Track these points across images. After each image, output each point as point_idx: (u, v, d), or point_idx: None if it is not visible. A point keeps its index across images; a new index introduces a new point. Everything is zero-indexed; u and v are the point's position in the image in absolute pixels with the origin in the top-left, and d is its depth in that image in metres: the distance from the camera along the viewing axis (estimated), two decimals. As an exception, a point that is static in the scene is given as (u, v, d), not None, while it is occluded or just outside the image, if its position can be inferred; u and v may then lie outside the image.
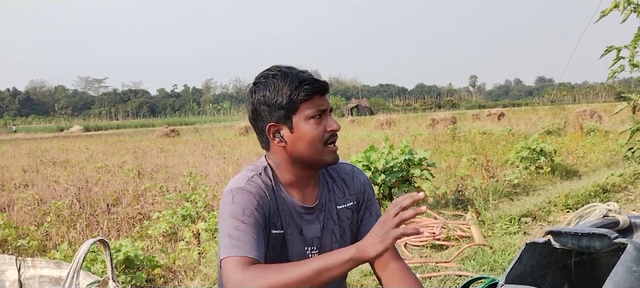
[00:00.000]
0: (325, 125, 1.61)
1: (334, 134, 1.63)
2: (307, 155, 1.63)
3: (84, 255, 1.95)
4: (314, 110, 1.59)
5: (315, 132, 1.60)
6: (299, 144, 1.62)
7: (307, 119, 1.60)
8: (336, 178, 1.81)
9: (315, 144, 1.61)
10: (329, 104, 1.64)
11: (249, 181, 1.62)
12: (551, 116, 22.53)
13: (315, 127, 1.60)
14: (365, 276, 3.77)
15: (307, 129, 1.60)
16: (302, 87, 1.58)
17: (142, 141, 26.31)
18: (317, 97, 1.60)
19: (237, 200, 1.57)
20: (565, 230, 1.48)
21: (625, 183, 6.95)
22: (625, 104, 4.14)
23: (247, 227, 1.53)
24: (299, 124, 1.60)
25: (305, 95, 1.58)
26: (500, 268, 3.81)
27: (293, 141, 1.63)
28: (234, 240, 1.50)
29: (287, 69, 1.63)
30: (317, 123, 1.60)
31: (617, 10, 3.66)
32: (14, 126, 66.45)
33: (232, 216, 1.55)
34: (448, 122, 25.22)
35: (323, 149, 1.62)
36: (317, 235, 1.71)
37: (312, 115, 1.59)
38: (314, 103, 1.60)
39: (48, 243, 5.40)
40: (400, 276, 1.71)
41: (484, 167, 8.24)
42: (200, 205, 6.31)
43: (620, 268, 1.25)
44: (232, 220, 1.54)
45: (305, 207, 1.70)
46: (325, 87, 1.62)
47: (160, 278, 4.08)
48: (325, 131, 1.61)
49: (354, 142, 17.42)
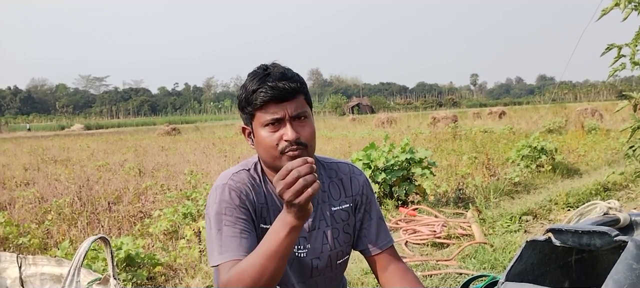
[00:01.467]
0: (282, 134, 1.55)
1: (295, 142, 1.54)
2: (267, 161, 1.62)
3: (84, 252, 1.95)
4: (267, 119, 1.55)
5: (269, 141, 1.56)
6: (259, 149, 1.62)
7: (262, 126, 1.57)
8: (334, 178, 1.77)
9: (269, 151, 1.57)
10: (290, 110, 1.55)
11: (233, 176, 1.64)
12: (552, 114, 22.50)
13: (270, 135, 1.56)
14: (365, 274, 3.77)
15: (262, 136, 1.57)
16: (258, 93, 1.54)
17: (143, 139, 26.32)
18: (272, 104, 1.54)
19: (219, 198, 1.60)
20: (566, 228, 1.48)
21: (626, 181, 6.95)
22: (626, 102, 4.14)
23: (230, 228, 1.56)
24: (257, 130, 1.59)
25: (260, 102, 1.54)
26: (501, 267, 3.81)
27: (256, 145, 1.63)
28: (217, 246, 1.55)
29: (259, 70, 1.58)
30: (271, 131, 1.56)
31: (617, 9, 3.66)
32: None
33: (215, 218, 1.58)
34: (449, 121, 25.21)
35: (279, 157, 1.56)
36: (303, 235, 1.69)
37: (265, 123, 1.55)
38: (268, 111, 1.54)
39: (49, 242, 5.41)
40: (399, 276, 1.70)
41: (485, 165, 8.24)
42: (201, 203, 6.31)
43: (620, 265, 1.25)
44: (215, 221, 1.58)
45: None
46: (283, 95, 1.54)
47: (161, 276, 4.09)
48: (280, 139, 1.55)
49: (355, 140, 17.42)
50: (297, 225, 1.39)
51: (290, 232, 1.39)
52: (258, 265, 1.43)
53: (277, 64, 1.62)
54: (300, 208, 1.35)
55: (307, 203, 1.34)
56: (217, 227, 1.57)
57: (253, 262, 1.44)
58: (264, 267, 1.42)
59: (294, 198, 1.32)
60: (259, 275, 1.42)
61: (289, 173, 1.31)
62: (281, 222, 1.40)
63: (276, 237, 1.41)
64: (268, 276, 1.42)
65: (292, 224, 1.38)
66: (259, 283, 1.42)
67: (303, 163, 1.32)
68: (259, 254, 1.44)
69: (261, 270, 1.42)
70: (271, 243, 1.42)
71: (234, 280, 1.45)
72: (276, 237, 1.41)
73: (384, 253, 1.75)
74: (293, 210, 1.36)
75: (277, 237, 1.41)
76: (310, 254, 1.69)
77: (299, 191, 1.31)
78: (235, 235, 1.55)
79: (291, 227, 1.39)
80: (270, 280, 1.43)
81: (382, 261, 1.74)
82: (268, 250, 1.42)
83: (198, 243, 4.77)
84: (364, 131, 23.88)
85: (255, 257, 1.45)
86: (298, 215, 1.37)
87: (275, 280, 1.45)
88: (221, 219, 1.57)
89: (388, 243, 1.77)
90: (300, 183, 1.31)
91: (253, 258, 1.45)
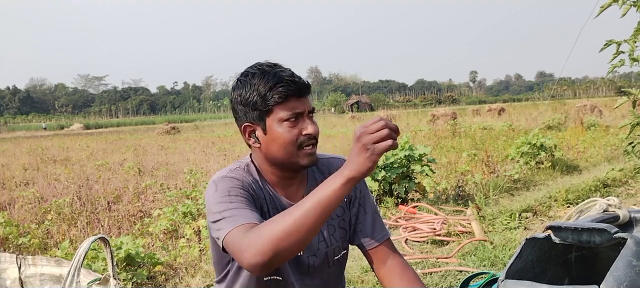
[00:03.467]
0: (301, 128, 1.55)
1: (312, 137, 1.56)
2: (280, 158, 1.59)
3: (84, 253, 1.95)
4: (287, 113, 1.53)
5: (289, 136, 1.54)
6: (272, 146, 1.58)
7: (280, 122, 1.54)
8: (326, 174, 1.75)
9: (288, 147, 1.56)
10: (307, 105, 1.57)
11: (232, 171, 1.61)
12: (551, 111, 22.53)
13: (289, 130, 1.54)
14: (365, 272, 3.77)
15: (280, 132, 1.55)
16: (277, 88, 1.52)
17: (143, 138, 26.32)
18: (292, 99, 1.53)
19: (220, 186, 1.54)
20: (566, 225, 1.48)
21: (626, 177, 6.95)
22: (625, 98, 4.14)
23: (237, 204, 1.49)
24: (273, 126, 1.56)
25: (279, 97, 1.52)
26: (500, 264, 3.82)
27: (266, 143, 1.59)
28: (228, 217, 1.45)
29: (268, 68, 1.57)
30: (291, 126, 1.54)
31: (616, 5, 3.66)
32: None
33: (219, 201, 1.51)
34: (448, 118, 25.22)
35: (297, 152, 1.56)
36: None
37: (285, 118, 1.53)
38: (289, 106, 1.53)
39: (49, 242, 5.41)
40: (399, 272, 1.70)
41: (485, 162, 8.24)
42: (201, 202, 6.31)
43: (620, 262, 1.25)
44: (219, 204, 1.50)
45: (290, 204, 1.66)
46: (303, 89, 1.55)
47: (161, 275, 4.09)
48: (300, 134, 1.55)
49: (355, 138, 17.39)
50: (355, 178, 1.30)
51: (348, 182, 1.30)
52: (301, 214, 1.31)
53: (276, 63, 1.61)
54: (371, 157, 1.27)
55: (379, 155, 1.28)
56: (221, 208, 1.49)
57: (296, 211, 1.32)
58: (307, 217, 1.31)
59: (371, 143, 1.26)
60: (300, 225, 1.31)
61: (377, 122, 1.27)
62: (338, 174, 1.32)
63: (329, 187, 1.31)
64: (309, 228, 1.31)
65: (350, 175, 1.29)
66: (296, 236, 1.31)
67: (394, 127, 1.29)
68: (305, 203, 1.32)
69: (304, 219, 1.31)
70: (322, 193, 1.31)
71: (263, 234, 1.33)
72: (329, 187, 1.31)
73: (381, 247, 1.75)
74: (362, 158, 1.28)
75: (330, 186, 1.31)
76: (307, 252, 1.68)
77: (381, 138, 1.26)
78: (244, 207, 1.49)
79: (349, 178, 1.30)
80: (308, 234, 1.32)
81: (379, 254, 1.74)
82: (317, 199, 1.31)
83: (198, 242, 4.77)
84: (364, 129, 23.83)
85: (300, 206, 1.33)
86: (363, 165, 1.28)
87: (308, 241, 1.34)
88: (225, 200, 1.50)
89: (384, 236, 1.76)
90: (385, 132, 1.26)
91: (296, 208, 1.33)
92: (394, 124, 1.29)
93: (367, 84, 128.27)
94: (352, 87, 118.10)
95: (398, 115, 31.95)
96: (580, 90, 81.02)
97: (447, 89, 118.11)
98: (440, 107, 51.00)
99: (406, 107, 68.33)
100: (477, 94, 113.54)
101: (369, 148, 1.27)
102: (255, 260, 1.31)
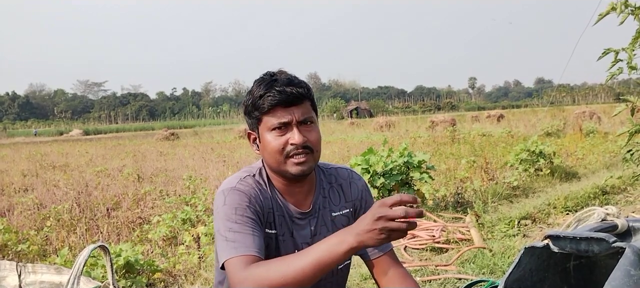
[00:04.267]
0: (288, 138, 1.58)
1: (301, 146, 1.58)
2: (272, 166, 1.64)
3: (84, 261, 1.96)
4: (274, 123, 1.57)
5: (275, 144, 1.58)
6: (264, 153, 1.63)
7: (269, 130, 1.59)
8: (333, 184, 1.79)
9: (275, 155, 1.59)
10: (297, 115, 1.58)
11: (241, 181, 1.63)
12: (550, 117, 22.55)
13: (276, 138, 1.58)
14: (365, 279, 3.77)
15: (268, 140, 1.59)
16: (265, 97, 1.56)
17: (142, 144, 26.30)
18: (279, 109, 1.57)
19: (228, 200, 1.58)
20: (564, 234, 1.48)
21: (625, 185, 6.96)
22: (624, 105, 4.15)
23: (241, 226, 1.53)
24: (263, 134, 1.61)
25: (268, 106, 1.56)
26: (500, 271, 3.82)
27: (262, 150, 1.64)
28: (231, 241, 1.50)
29: (267, 76, 1.61)
30: (278, 135, 1.58)
31: (614, 13, 3.68)
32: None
33: (225, 218, 1.55)
34: (447, 124, 25.27)
35: (285, 161, 1.59)
36: (306, 241, 1.69)
37: (273, 127, 1.58)
38: (276, 115, 1.57)
39: (48, 248, 5.40)
40: (400, 282, 1.71)
41: (484, 169, 8.25)
42: (200, 208, 6.31)
43: (618, 272, 1.25)
44: (225, 222, 1.54)
45: (297, 211, 1.70)
46: (291, 99, 1.56)
47: (161, 282, 4.08)
48: (286, 143, 1.58)
49: (353, 144, 17.43)
50: (358, 248, 1.33)
51: (351, 250, 1.34)
52: (299, 269, 1.36)
53: (283, 71, 1.64)
54: (382, 239, 1.30)
55: (389, 240, 1.31)
56: (226, 227, 1.53)
57: (293, 263, 1.38)
58: (304, 272, 1.36)
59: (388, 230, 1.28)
60: (294, 278, 1.36)
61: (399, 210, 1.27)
62: (342, 238, 1.34)
63: (331, 250, 1.35)
64: (302, 282, 1.36)
65: (356, 246, 1.32)
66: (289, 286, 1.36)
67: (414, 201, 1.29)
68: (302, 258, 1.37)
69: (300, 274, 1.36)
70: (323, 253, 1.35)
71: (258, 277, 1.40)
72: (332, 249, 1.35)
73: (384, 257, 1.76)
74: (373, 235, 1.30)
75: (332, 250, 1.34)
76: None
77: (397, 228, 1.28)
78: (247, 233, 1.53)
79: (354, 248, 1.33)
80: (302, 286, 1.37)
81: (381, 265, 1.75)
82: (316, 258, 1.35)
83: (197, 249, 4.77)
84: (363, 135, 23.90)
85: (297, 259, 1.38)
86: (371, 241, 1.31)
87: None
88: (231, 218, 1.54)
89: (387, 246, 1.78)
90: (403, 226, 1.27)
91: (293, 260, 1.39)
92: (414, 210, 1.29)
93: (366, 90, 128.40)
94: (351, 93, 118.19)
95: (397, 121, 31.96)
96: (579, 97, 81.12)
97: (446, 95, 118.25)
98: (439, 113, 51.05)
99: (405, 113, 68.37)
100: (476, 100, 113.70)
101: (384, 233, 1.29)
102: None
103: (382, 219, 1.28)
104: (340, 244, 1.34)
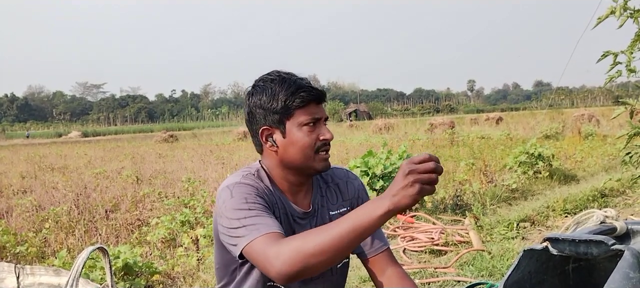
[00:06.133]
0: (318, 134, 1.61)
1: (327, 142, 1.63)
2: (297, 162, 1.63)
3: (83, 262, 1.95)
4: (308, 118, 1.59)
5: (307, 140, 1.60)
6: (290, 149, 1.62)
7: (300, 126, 1.60)
8: (330, 184, 1.81)
9: (306, 151, 1.61)
10: (324, 113, 1.65)
11: (244, 177, 1.62)
12: (549, 120, 22.54)
13: (308, 134, 1.60)
14: (364, 282, 3.77)
15: (300, 136, 1.60)
16: (298, 93, 1.58)
17: (141, 146, 26.29)
18: (312, 105, 1.61)
19: (236, 193, 1.55)
20: (563, 236, 1.49)
21: (623, 187, 6.96)
22: (622, 108, 4.15)
23: (257, 211, 1.50)
24: (292, 130, 1.60)
25: (301, 102, 1.58)
26: (498, 274, 3.82)
27: (285, 146, 1.62)
28: (249, 226, 1.46)
29: (286, 75, 1.63)
30: (310, 131, 1.60)
31: (613, 16, 3.68)
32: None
33: (236, 208, 1.51)
34: (446, 127, 25.26)
35: (314, 157, 1.62)
36: None
37: (305, 123, 1.59)
38: (309, 111, 1.60)
39: (46, 250, 5.40)
40: (397, 282, 1.71)
41: (482, 171, 8.24)
42: (198, 210, 6.30)
43: (617, 274, 1.26)
44: (237, 212, 1.50)
45: (298, 211, 1.70)
46: (321, 96, 1.62)
47: (159, 284, 4.08)
48: (317, 139, 1.61)
49: (353, 146, 17.43)
50: (395, 210, 1.30)
51: (388, 213, 1.29)
52: (336, 236, 1.31)
53: (289, 72, 1.66)
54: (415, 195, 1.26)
55: (425, 194, 1.28)
56: (240, 215, 1.49)
57: (331, 231, 1.33)
58: (341, 239, 1.31)
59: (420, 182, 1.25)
60: (333, 245, 1.32)
61: (426, 158, 1.27)
62: (378, 202, 1.31)
63: (368, 214, 1.31)
64: (340, 250, 1.32)
65: (392, 207, 1.28)
66: (326, 255, 1.32)
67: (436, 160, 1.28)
68: (339, 226, 1.33)
69: (338, 241, 1.31)
70: (359, 219, 1.31)
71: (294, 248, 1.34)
72: (368, 214, 1.31)
73: (381, 256, 1.77)
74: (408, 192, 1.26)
75: (369, 215, 1.30)
76: None
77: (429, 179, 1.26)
78: (265, 215, 1.50)
79: (390, 210, 1.29)
80: (339, 255, 1.34)
81: (379, 264, 1.77)
82: (353, 224, 1.31)
83: (196, 251, 4.77)
84: (362, 137, 23.89)
85: (333, 228, 1.34)
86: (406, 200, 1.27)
87: (337, 261, 1.37)
88: (244, 207, 1.51)
89: (384, 245, 1.79)
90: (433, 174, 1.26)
91: (329, 228, 1.34)
92: (441, 166, 1.29)
93: (365, 92, 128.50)
94: (350, 95, 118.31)
95: (396, 123, 31.97)
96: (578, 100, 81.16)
97: (445, 98, 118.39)
98: (438, 115, 51.04)
99: (404, 115, 68.42)
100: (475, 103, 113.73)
101: (415, 186, 1.26)
102: (284, 270, 1.33)
103: (412, 173, 1.26)
104: (377, 208, 1.30)
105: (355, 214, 1.33)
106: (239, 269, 1.69)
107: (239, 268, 1.69)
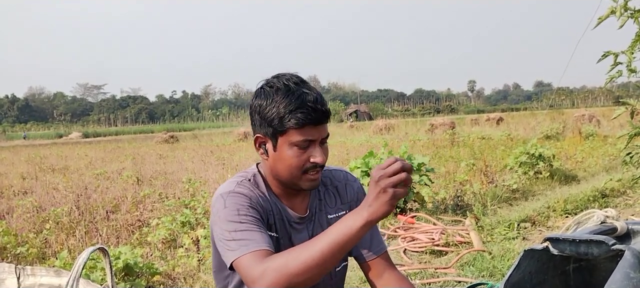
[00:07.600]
0: (309, 155, 1.56)
1: (317, 165, 1.57)
2: (283, 177, 1.61)
3: (83, 263, 1.95)
4: (299, 139, 1.53)
5: (296, 161, 1.55)
6: (278, 164, 1.59)
7: (291, 145, 1.54)
8: (329, 186, 1.79)
9: (292, 171, 1.57)
10: (322, 133, 1.57)
11: (239, 185, 1.61)
12: (550, 120, 22.53)
13: (298, 155, 1.55)
14: (364, 282, 3.76)
15: (289, 155, 1.55)
16: (296, 113, 1.51)
17: (141, 147, 26.30)
18: (308, 127, 1.53)
19: (229, 203, 1.55)
20: (563, 236, 1.48)
21: (624, 188, 6.96)
22: (623, 108, 4.15)
23: (247, 225, 1.50)
24: (283, 147, 1.56)
25: (296, 123, 1.51)
26: (499, 274, 3.82)
27: (274, 159, 1.60)
28: (239, 240, 1.47)
29: (294, 86, 1.55)
30: (300, 152, 1.55)
31: (614, 16, 3.68)
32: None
33: (228, 220, 1.51)
34: (447, 127, 25.25)
35: (301, 176, 1.58)
36: None
37: (296, 144, 1.54)
38: (304, 132, 1.53)
39: (47, 251, 5.40)
40: (395, 285, 1.71)
41: (483, 172, 8.24)
42: (199, 211, 6.30)
43: (618, 274, 1.25)
44: (228, 223, 1.51)
45: (295, 216, 1.69)
46: (321, 118, 1.54)
47: (160, 285, 4.08)
48: (307, 161, 1.56)
49: (353, 147, 17.43)
50: (373, 221, 1.32)
51: (366, 225, 1.32)
52: (318, 253, 1.34)
53: (301, 77, 1.59)
54: (390, 201, 1.28)
55: (398, 199, 1.29)
56: (231, 228, 1.50)
57: (312, 248, 1.36)
58: (323, 255, 1.34)
59: (390, 186, 1.28)
60: (315, 263, 1.34)
61: (394, 163, 1.29)
62: (357, 215, 1.33)
63: (348, 228, 1.33)
64: (323, 266, 1.35)
65: (369, 219, 1.31)
66: (310, 273, 1.35)
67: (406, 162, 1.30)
68: (320, 242, 1.35)
69: (320, 258, 1.34)
70: (339, 233, 1.34)
71: (278, 267, 1.37)
72: (347, 227, 1.33)
73: (379, 259, 1.76)
74: (381, 201, 1.29)
75: (349, 228, 1.33)
76: None
77: (399, 180, 1.28)
78: (255, 230, 1.49)
79: (368, 221, 1.31)
80: (323, 271, 1.36)
81: (376, 267, 1.76)
82: (333, 239, 1.33)
83: (196, 251, 4.77)
84: (362, 138, 23.90)
85: (314, 244, 1.36)
86: (382, 208, 1.30)
87: (323, 274, 1.38)
88: (235, 219, 1.51)
89: (382, 248, 1.78)
90: (402, 175, 1.28)
91: (310, 245, 1.37)
92: (408, 163, 1.31)
93: (365, 93, 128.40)
94: (351, 96, 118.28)
95: (397, 124, 31.96)
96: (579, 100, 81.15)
97: (446, 98, 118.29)
98: (439, 116, 51.04)
99: (405, 116, 68.41)
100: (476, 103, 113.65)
101: (388, 192, 1.28)
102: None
103: (382, 178, 1.28)
104: (356, 221, 1.33)
105: (336, 229, 1.36)
106: (231, 276, 1.71)
107: (231, 276, 1.71)
